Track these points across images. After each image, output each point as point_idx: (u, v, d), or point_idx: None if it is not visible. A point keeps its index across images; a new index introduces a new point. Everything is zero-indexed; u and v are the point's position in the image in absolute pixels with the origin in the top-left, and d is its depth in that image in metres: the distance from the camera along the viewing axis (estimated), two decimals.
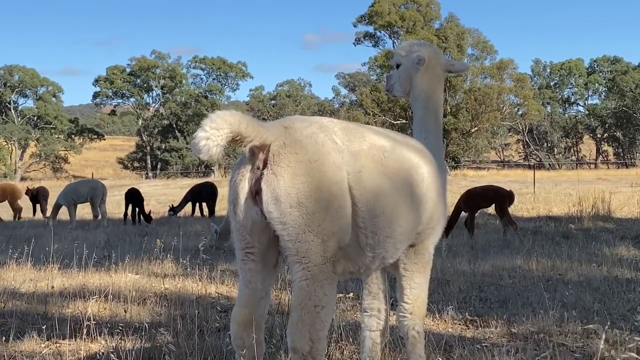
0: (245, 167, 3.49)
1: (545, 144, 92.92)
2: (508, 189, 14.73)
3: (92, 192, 20.37)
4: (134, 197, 21.13)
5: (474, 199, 14.40)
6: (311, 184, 3.36)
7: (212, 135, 3.20)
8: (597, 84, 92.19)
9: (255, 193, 3.43)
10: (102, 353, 5.15)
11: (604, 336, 3.25)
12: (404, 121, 68.31)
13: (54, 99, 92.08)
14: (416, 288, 4.20)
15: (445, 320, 6.43)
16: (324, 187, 3.38)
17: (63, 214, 21.69)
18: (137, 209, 21.03)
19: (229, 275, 8.87)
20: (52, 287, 8.27)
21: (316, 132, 3.51)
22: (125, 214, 21.26)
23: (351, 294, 7.42)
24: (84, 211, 23.50)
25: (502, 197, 14.29)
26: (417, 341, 4.20)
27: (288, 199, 3.33)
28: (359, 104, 72.05)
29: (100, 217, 20.30)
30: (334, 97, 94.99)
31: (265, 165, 3.41)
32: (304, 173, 3.36)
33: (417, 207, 3.89)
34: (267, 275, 3.66)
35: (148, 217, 20.65)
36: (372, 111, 68.74)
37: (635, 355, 3.37)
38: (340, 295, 7.32)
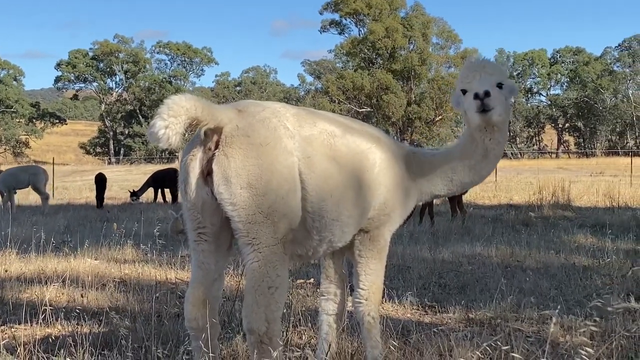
0: (196, 147, 3.49)
1: (508, 133, 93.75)
2: None
3: (34, 178, 19.98)
4: (102, 182, 21.62)
5: None
6: (262, 166, 3.37)
7: (171, 123, 3.20)
8: (559, 75, 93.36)
9: (207, 174, 3.44)
10: (59, 337, 5.09)
11: (554, 320, 3.30)
12: (369, 109, 68.47)
13: (14, 82, 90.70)
14: (371, 274, 4.20)
15: (404, 306, 6.47)
16: (275, 170, 3.40)
17: (23, 199, 21.40)
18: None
19: (189, 261, 8.82)
20: (6, 271, 8.16)
21: (269, 117, 3.53)
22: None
23: (312, 280, 7.45)
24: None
25: None
26: (373, 326, 4.22)
27: (239, 180, 3.34)
28: (325, 92, 72.04)
29: (47, 198, 20.04)
30: (299, 85, 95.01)
31: (217, 146, 3.41)
32: (255, 155, 3.37)
33: (366, 192, 3.90)
34: (220, 257, 3.67)
35: (101, 203, 21.11)
36: (337, 99, 68.79)
37: (587, 340, 3.44)
38: (301, 280, 7.34)
